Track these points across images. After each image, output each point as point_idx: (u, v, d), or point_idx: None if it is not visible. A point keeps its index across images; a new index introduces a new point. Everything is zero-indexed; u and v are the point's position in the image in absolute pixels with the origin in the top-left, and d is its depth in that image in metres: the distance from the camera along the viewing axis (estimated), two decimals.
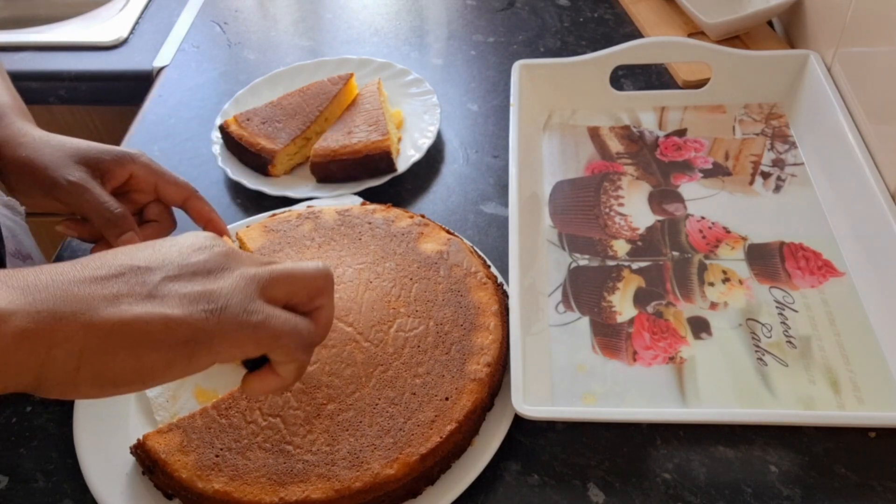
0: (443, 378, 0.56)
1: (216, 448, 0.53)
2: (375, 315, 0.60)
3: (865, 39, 0.72)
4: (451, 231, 0.67)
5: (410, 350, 0.57)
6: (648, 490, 0.54)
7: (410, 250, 0.64)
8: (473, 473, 0.53)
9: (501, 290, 0.63)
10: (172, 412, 0.58)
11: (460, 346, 0.57)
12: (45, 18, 1.14)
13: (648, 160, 0.77)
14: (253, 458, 0.52)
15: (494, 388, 0.57)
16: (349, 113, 0.81)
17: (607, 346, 0.61)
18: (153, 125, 0.88)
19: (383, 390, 0.55)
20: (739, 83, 0.80)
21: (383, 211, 0.68)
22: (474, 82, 0.91)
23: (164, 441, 0.53)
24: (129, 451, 0.55)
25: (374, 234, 0.66)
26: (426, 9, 1.05)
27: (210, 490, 0.51)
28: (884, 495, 0.52)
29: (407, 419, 0.54)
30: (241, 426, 0.54)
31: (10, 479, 0.57)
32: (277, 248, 0.65)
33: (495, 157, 0.80)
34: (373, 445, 0.52)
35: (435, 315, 0.59)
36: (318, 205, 0.71)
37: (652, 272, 0.66)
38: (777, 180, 0.73)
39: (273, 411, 0.55)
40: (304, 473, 0.51)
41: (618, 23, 0.97)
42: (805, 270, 0.65)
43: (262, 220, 0.69)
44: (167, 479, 0.52)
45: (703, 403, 0.57)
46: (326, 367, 0.57)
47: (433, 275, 0.62)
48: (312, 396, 0.55)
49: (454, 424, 0.53)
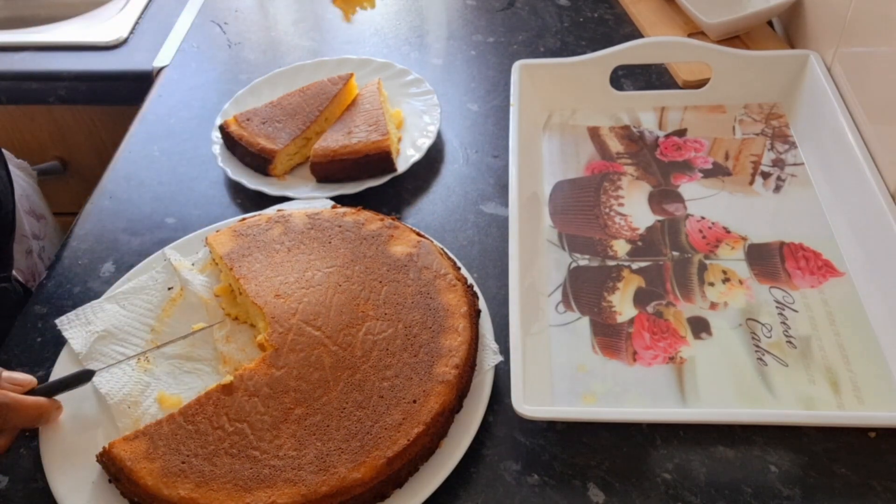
0: (411, 381, 0.56)
1: (182, 454, 0.53)
2: (344, 318, 0.59)
3: (865, 39, 0.72)
4: (421, 233, 0.67)
5: (379, 353, 0.57)
6: (648, 490, 0.54)
7: (380, 253, 0.64)
8: (442, 475, 0.53)
9: (471, 291, 0.63)
10: (134, 418, 0.58)
11: (429, 348, 0.57)
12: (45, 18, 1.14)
13: (648, 160, 0.77)
14: (219, 464, 0.52)
15: (462, 390, 0.57)
16: (349, 113, 0.81)
17: (607, 346, 0.61)
18: (153, 125, 0.88)
19: (351, 394, 0.55)
20: (739, 83, 0.80)
21: (353, 214, 0.68)
22: (474, 82, 0.91)
23: (129, 448, 0.53)
24: (94, 459, 0.55)
25: (344, 238, 0.66)
26: (426, 9, 1.05)
27: (176, 497, 0.51)
28: (884, 495, 0.52)
29: (374, 422, 0.54)
30: (207, 432, 0.54)
31: (10, 480, 0.57)
32: (246, 253, 0.65)
33: (495, 157, 0.80)
34: (340, 449, 0.52)
35: (404, 318, 0.59)
36: (288, 208, 0.71)
37: (652, 272, 0.66)
38: (777, 180, 0.73)
39: (240, 416, 0.55)
40: (271, 479, 0.51)
41: (618, 23, 0.97)
42: (805, 270, 0.65)
43: (231, 225, 0.69)
44: (133, 487, 0.52)
45: (703, 403, 0.57)
46: (294, 371, 0.57)
47: (403, 277, 0.62)
48: (280, 401, 0.55)
49: (421, 427, 0.53)
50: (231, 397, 0.55)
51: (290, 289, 0.62)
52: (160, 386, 0.60)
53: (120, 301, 0.65)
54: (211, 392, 0.56)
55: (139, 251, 0.73)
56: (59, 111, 1.02)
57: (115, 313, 0.64)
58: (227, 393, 0.56)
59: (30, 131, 1.05)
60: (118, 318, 0.64)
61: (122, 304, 0.65)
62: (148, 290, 0.66)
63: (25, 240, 0.81)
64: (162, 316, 0.65)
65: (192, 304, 0.65)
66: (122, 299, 0.65)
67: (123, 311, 0.64)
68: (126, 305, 0.65)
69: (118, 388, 0.59)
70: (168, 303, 0.65)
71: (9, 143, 1.06)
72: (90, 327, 0.63)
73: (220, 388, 0.56)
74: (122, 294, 0.65)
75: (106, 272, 0.71)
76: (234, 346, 0.62)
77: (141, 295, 0.66)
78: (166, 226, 0.76)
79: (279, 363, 0.57)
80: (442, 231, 0.73)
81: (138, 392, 0.59)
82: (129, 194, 0.79)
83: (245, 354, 0.62)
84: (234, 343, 0.63)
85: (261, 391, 0.56)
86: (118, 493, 0.54)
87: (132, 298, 0.65)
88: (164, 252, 0.68)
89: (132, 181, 0.81)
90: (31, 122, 1.04)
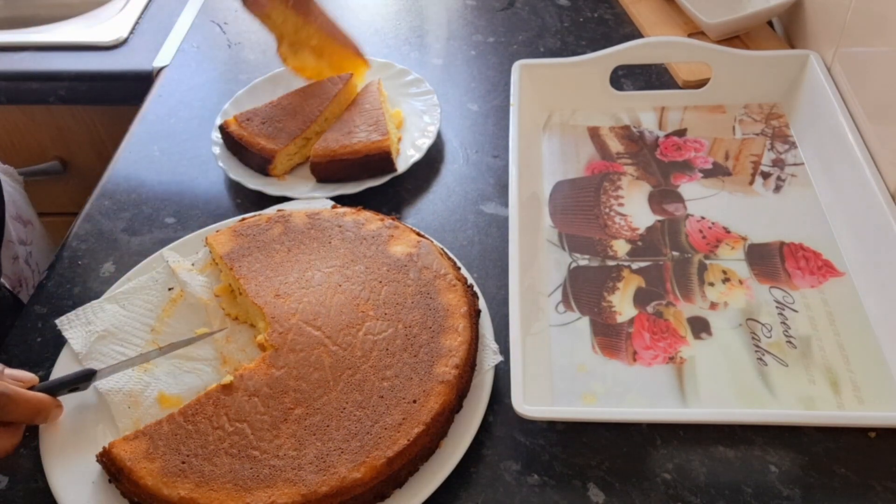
0: (410, 381, 0.56)
1: (182, 454, 0.53)
2: (344, 319, 0.59)
3: (865, 39, 0.72)
4: (421, 233, 0.67)
5: (379, 353, 0.57)
6: (648, 490, 0.54)
7: (380, 253, 0.64)
8: (442, 475, 0.53)
9: (471, 291, 0.63)
10: (134, 418, 0.58)
11: (428, 348, 0.57)
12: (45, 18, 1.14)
13: (648, 160, 0.77)
14: (219, 464, 0.52)
15: (462, 389, 0.57)
16: (349, 113, 0.81)
17: (607, 346, 0.61)
18: (153, 125, 0.88)
19: (351, 394, 0.55)
20: (739, 83, 0.80)
21: (353, 214, 0.68)
22: (474, 82, 0.91)
23: (129, 448, 0.53)
24: (94, 459, 0.55)
25: (344, 238, 0.66)
26: (426, 9, 1.05)
27: (175, 497, 0.51)
28: (884, 495, 0.52)
29: (374, 422, 0.54)
30: (207, 432, 0.54)
31: (10, 480, 0.57)
32: (246, 253, 0.65)
33: (495, 157, 0.80)
34: (340, 449, 0.52)
35: (404, 318, 0.59)
36: (288, 208, 0.71)
37: (652, 272, 0.66)
38: (777, 180, 0.73)
39: (240, 416, 0.55)
40: (271, 479, 0.51)
41: (618, 23, 0.97)
42: (805, 270, 0.65)
43: (231, 225, 0.69)
44: (133, 487, 0.52)
45: (703, 403, 0.57)
46: (294, 371, 0.57)
47: (403, 277, 0.62)
48: (280, 401, 0.55)
49: (421, 427, 0.53)
50: (231, 397, 0.56)
51: (290, 289, 0.62)
52: (160, 386, 0.60)
53: (120, 301, 0.65)
54: (211, 392, 0.56)
55: (139, 251, 0.73)
56: (59, 111, 1.02)
57: (115, 313, 0.64)
58: (227, 393, 0.56)
59: (30, 131, 1.05)
60: (118, 318, 0.64)
61: (122, 304, 0.65)
62: (148, 291, 0.66)
63: (12, 245, 0.80)
64: (162, 316, 0.65)
65: (193, 305, 0.65)
66: (122, 299, 0.65)
67: (123, 311, 0.64)
68: (126, 305, 0.65)
69: (118, 388, 0.59)
70: (168, 303, 0.65)
71: (8, 144, 1.06)
72: (90, 327, 0.63)
73: (220, 388, 0.56)
74: (123, 294, 0.65)
75: (106, 272, 0.71)
76: (234, 346, 0.62)
77: (141, 295, 0.66)
78: (166, 226, 0.76)
79: (279, 363, 0.57)
80: (442, 231, 0.73)
81: (138, 392, 0.59)
82: (129, 194, 0.79)
83: (245, 354, 0.62)
84: (234, 343, 0.63)
85: (261, 391, 0.56)
86: (118, 493, 0.54)
87: (132, 298, 0.65)
88: (162, 254, 0.68)
89: (132, 181, 0.81)
90: (31, 122, 1.04)
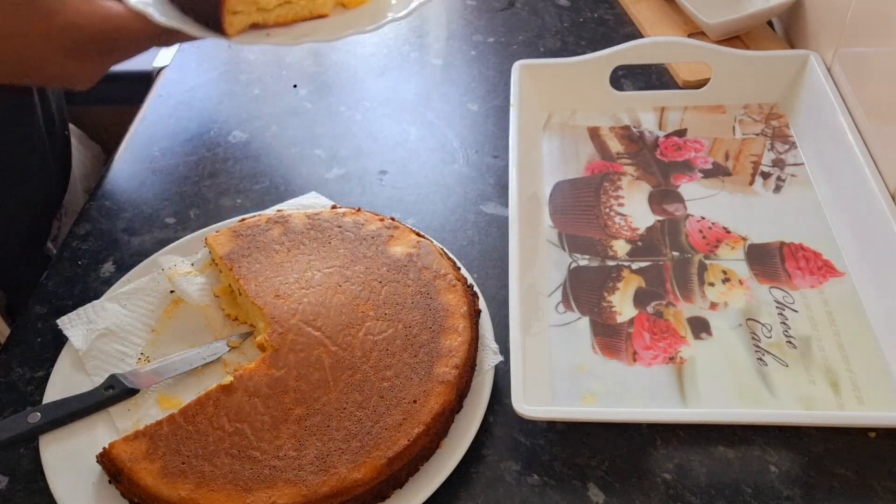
0: (411, 381, 0.56)
1: (182, 455, 0.53)
2: (344, 319, 0.59)
3: (865, 39, 0.72)
4: (421, 233, 0.67)
5: (378, 353, 0.57)
6: (648, 490, 0.54)
7: (380, 253, 0.64)
8: (442, 476, 0.53)
9: (471, 291, 0.63)
10: (134, 420, 0.58)
11: (428, 348, 0.57)
12: None
13: (648, 160, 0.77)
14: (219, 465, 0.52)
15: (462, 389, 0.57)
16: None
17: (607, 346, 0.61)
18: (153, 125, 0.88)
19: (351, 394, 0.55)
20: (739, 83, 0.80)
21: (353, 214, 0.68)
22: (474, 82, 0.91)
23: (129, 449, 0.53)
24: (94, 460, 0.55)
25: (344, 238, 0.66)
26: (426, 9, 1.05)
27: (176, 497, 0.51)
28: (884, 495, 0.52)
29: (374, 422, 0.54)
30: (207, 432, 0.54)
31: (9, 480, 0.57)
32: (246, 253, 0.65)
33: (495, 157, 0.80)
34: (340, 449, 0.52)
35: (404, 318, 0.59)
36: (287, 209, 0.71)
37: (652, 272, 0.66)
38: (777, 180, 0.73)
39: (240, 417, 0.55)
40: (271, 479, 0.51)
41: (618, 23, 0.97)
42: (805, 270, 0.65)
43: (231, 225, 0.69)
44: (133, 487, 0.52)
45: (703, 403, 0.57)
46: (294, 371, 0.56)
47: (402, 278, 0.62)
48: (280, 401, 0.55)
49: (421, 427, 0.53)
50: (231, 398, 0.56)
51: (290, 289, 0.62)
52: (160, 386, 0.60)
53: (121, 301, 0.65)
54: (211, 392, 0.56)
55: (139, 251, 0.73)
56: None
57: (116, 313, 0.64)
58: (226, 393, 0.56)
59: None
60: (119, 318, 0.64)
61: (123, 304, 0.65)
62: (149, 292, 0.66)
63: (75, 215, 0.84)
64: (163, 318, 0.65)
65: (193, 308, 0.65)
66: (123, 299, 0.65)
67: (125, 310, 0.64)
68: (127, 305, 0.65)
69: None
70: (170, 304, 0.65)
71: None
72: (91, 325, 0.63)
73: (219, 389, 0.56)
74: (124, 294, 0.65)
75: (106, 272, 0.71)
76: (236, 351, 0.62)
77: (142, 296, 0.66)
78: (166, 226, 0.76)
79: (279, 363, 0.57)
80: (442, 231, 0.73)
81: (138, 393, 0.59)
82: (129, 194, 0.79)
83: (245, 355, 0.62)
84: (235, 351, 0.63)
85: (261, 391, 0.56)
86: (118, 493, 0.54)
87: (134, 299, 0.65)
88: (158, 260, 0.67)
89: (132, 181, 0.81)
90: None
